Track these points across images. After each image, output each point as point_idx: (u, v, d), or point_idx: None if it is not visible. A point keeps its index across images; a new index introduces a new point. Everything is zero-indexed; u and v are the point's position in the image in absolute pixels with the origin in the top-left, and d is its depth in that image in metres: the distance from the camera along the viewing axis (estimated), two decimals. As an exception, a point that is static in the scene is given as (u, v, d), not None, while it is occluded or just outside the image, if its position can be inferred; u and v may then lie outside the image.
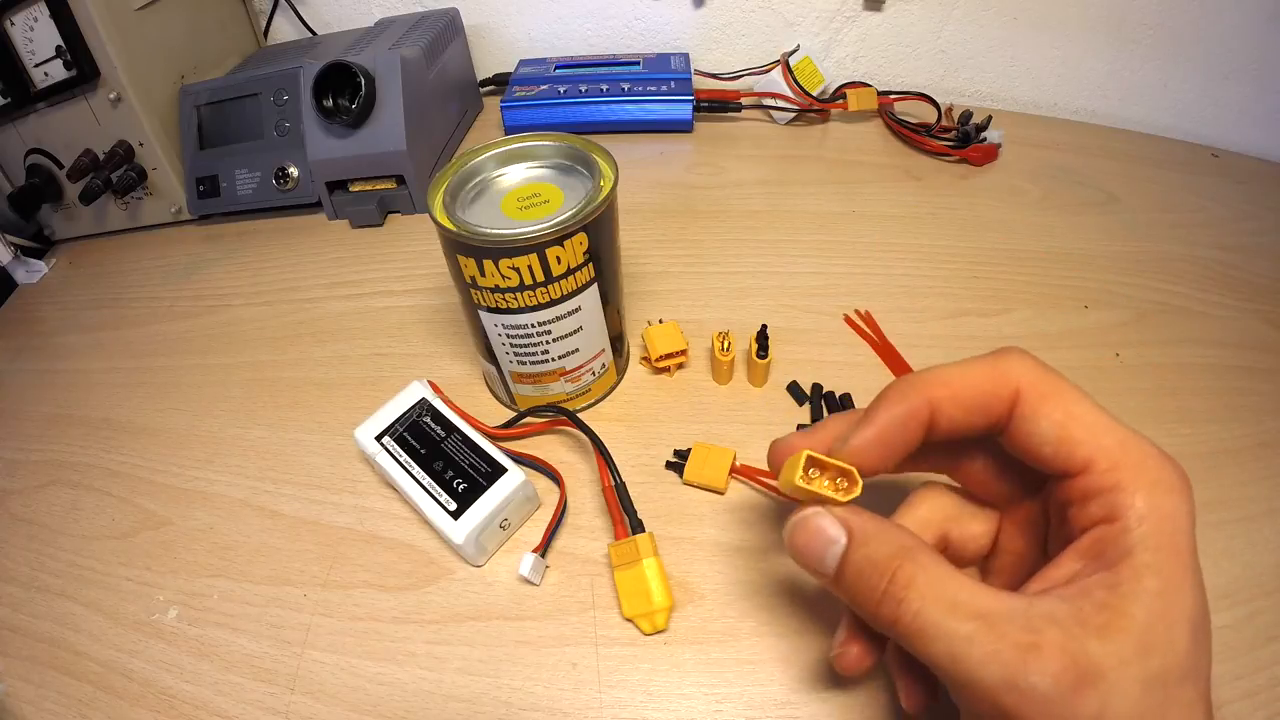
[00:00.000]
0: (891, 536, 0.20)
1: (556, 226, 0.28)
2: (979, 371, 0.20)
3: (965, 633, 0.17)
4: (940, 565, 0.19)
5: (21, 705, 0.28)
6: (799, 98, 0.57)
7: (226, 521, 0.34)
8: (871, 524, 0.20)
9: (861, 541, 0.20)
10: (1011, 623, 0.17)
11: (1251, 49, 0.54)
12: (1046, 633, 0.17)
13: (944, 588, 0.18)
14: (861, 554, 0.19)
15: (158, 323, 0.46)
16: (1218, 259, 0.44)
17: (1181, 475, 0.18)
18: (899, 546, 0.19)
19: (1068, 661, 0.16)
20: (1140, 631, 0.17)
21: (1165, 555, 0.17)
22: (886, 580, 0.19)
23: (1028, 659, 0.16)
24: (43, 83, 0.47)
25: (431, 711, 0.27)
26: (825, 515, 0.20)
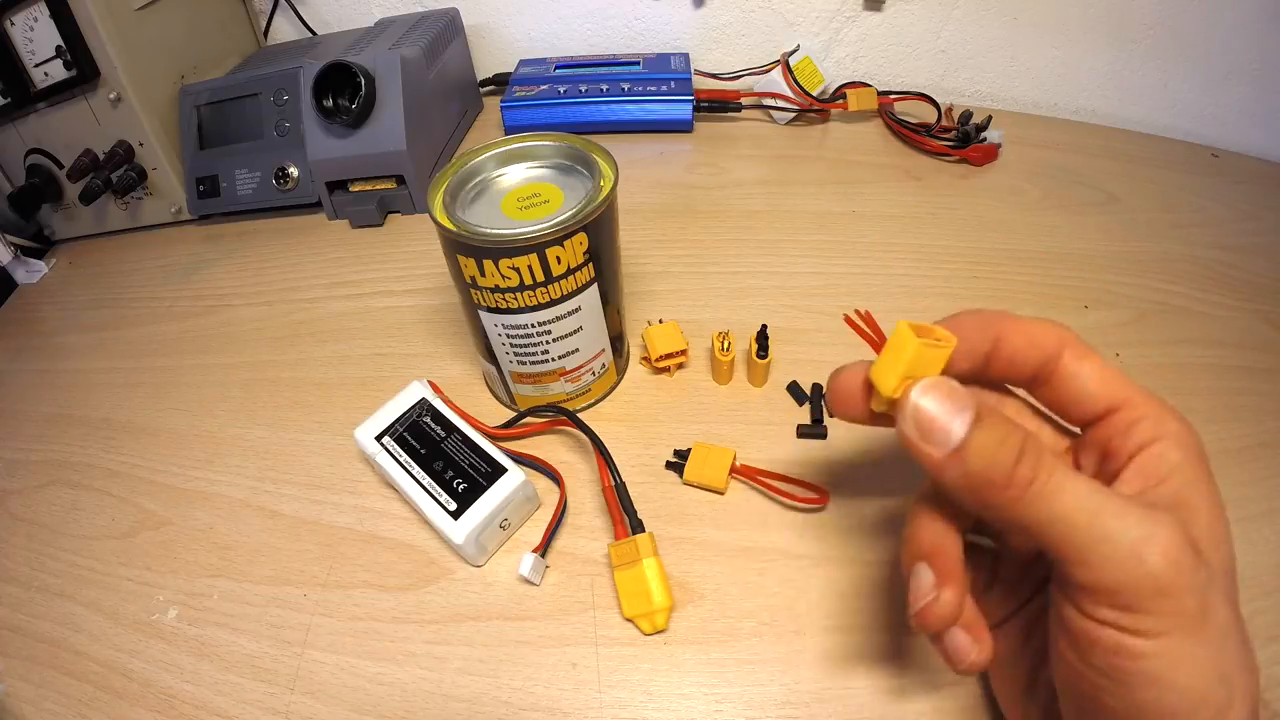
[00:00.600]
0: (1009, 418, 0.20)
1: (556, 226, 0.28)
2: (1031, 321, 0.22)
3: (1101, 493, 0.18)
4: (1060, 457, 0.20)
5: (21, 705, 0.28)
6: (799, 98, 0.57)
7: (226, 521, 0.34)
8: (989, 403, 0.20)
9: (988, 414, 0.19)
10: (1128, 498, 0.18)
11: (1251, 49, 0.54)
12: (1159, 508, 0.18)
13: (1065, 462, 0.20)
14: (991, 424, 0.19)
15: (158, 323, 0.46)
16: (1218, 259, 0.44)
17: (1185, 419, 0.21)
18: (1019, 425, 0.19)
19: (1186, 532, 0.18)
20: (1210, 527, 0.19)
21: (1204, 470, 0.20)
22: (1017, 447, 0.19)
23: (1157, 520, 0.18)
24: (43, 83, 0.47)
25: (431, 711, 0.27)
26: (953, 384, 0.20)
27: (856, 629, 0.28)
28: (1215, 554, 0.19)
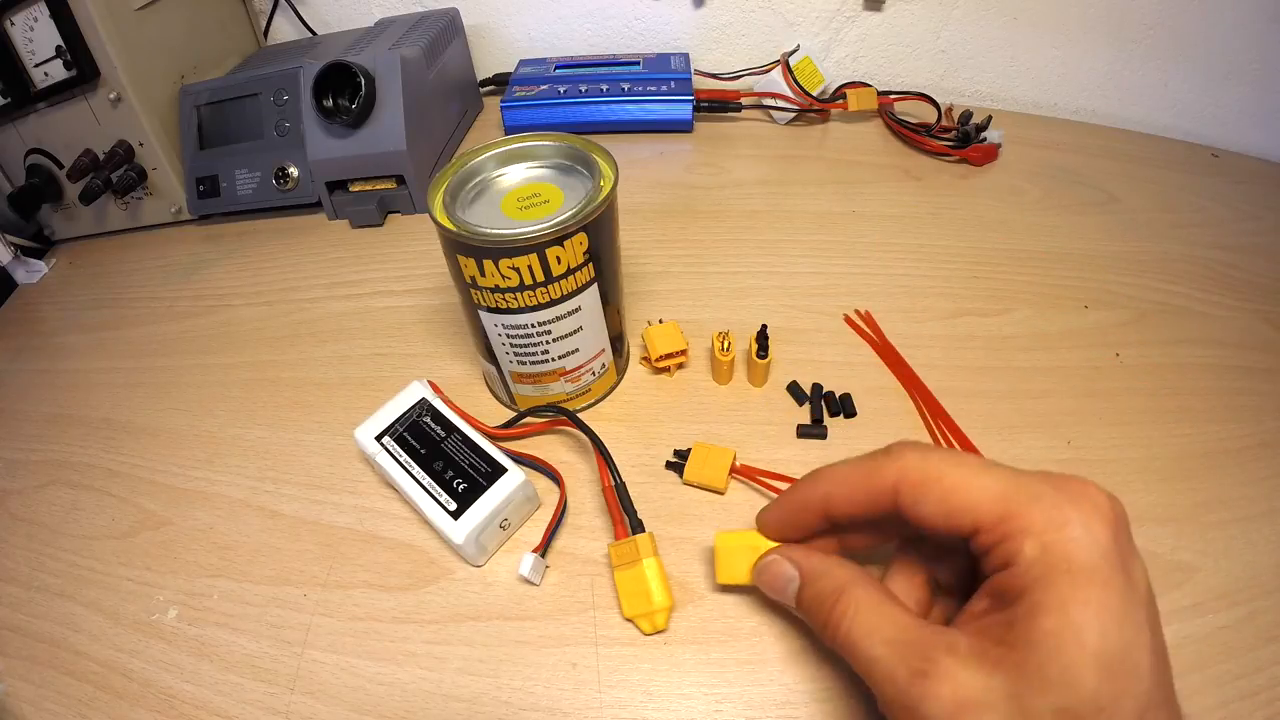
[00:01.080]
0: (834, 573, 0.23)
1: (556, 226, 0.28)
2: (861, 470, 0.23)
3: (875, 654, 0.21)
4: (872, 597, 0.22)
5: (21, 705, 0.28)
6: (799, 98, 0.57)
7: (226, 521, 0.34)
8: (820, 563, 0.24)
9: (810, 579, 0.24)
10: (912, 649, 0.20)
11: (1251, 49, 0.54)
12: (941, 662, 0.19)
13: (868, 617, 0.21)
14: (811, 589, 0.24)
15: (158, 323, 0.46)
16: (1218, 259, 0.44)
17: (1091, 503, 0.19)
18: (838, 583, 0.23)
19: (953, 689, 0.18)
20: (1032, 670, 0.18)
21: (1065, 594, 0.18)
22: (828, 609, 0.22)
23: (916, 682, 0.19)
24: (43, 83, 0.47)
25: (431, 711, 0.27)
26: (781, 560, 0.25)
27: (856, 629, 0.28)
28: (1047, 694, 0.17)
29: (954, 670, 0.19)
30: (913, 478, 0.21)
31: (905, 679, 0.19)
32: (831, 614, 0.22)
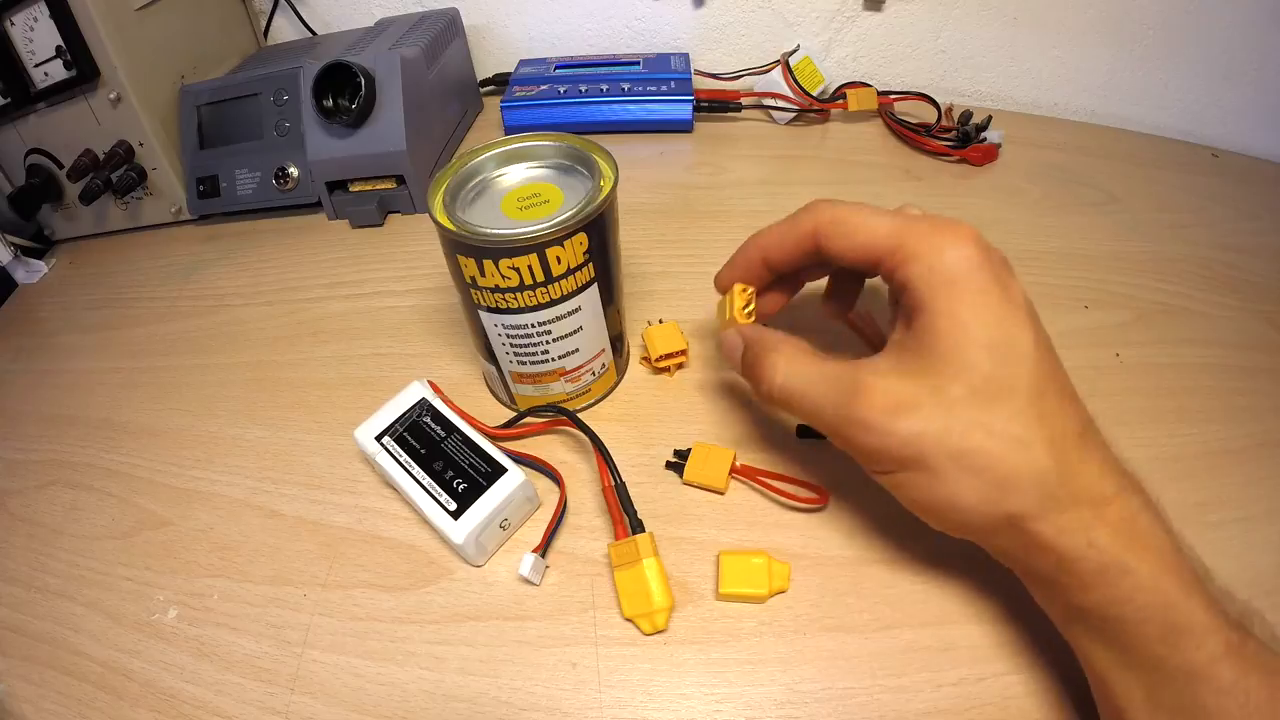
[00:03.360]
0: (767, 337, 0.28)
1: (556, 226, 0.28)
2: (786, 224, 0.28)
3: (808, 391, 0.25)
4: (799, 349, 0.27)
5: (21, 705, 0.28)
6: (799, 98, 0.57)
7: (226, 521, 0.34)
8: (756, 330, 0.29)
9: (749, 344, 0.28)
10: (842, 380, 0.24)
11: (1251, 49, 0.54)
12: (867, 380, 0.23)
13: (799, 365, 0.26)
14: (750, 351, 0.28)
15: (158, 323, 0.46)
16: (1218, 259, 0.44)
17: (962, 233, 0.24)
18: (771, 342, 0.27)
19: (883, 396, 0.23)
20: (941, 365, 0.22)
21: (951, 300, 0.22)
22: (762, 364, 0.27)
23: (850, 402, 0.23)
24: (43, 83, 0.47)
25: (431, 711, 0.27)
26: (731, 332, 0.30)
27: (857, 629, 0.28)
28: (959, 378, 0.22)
29: (880, 383, 0.23)
30: (825, 222, 0.26)
31: (840, 402, 0.24)
32: (764, 366, 0.27)
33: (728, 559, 0.29)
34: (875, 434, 0.23)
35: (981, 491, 0.22)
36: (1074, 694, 0.25)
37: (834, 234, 0.26)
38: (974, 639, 0.27)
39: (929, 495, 0.23)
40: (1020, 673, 0.26)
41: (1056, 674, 0.26)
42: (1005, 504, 0.21)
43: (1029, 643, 0.27)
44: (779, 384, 0.26)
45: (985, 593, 0.28)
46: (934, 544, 0.30)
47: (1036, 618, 0.27)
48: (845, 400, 0.23)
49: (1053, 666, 0.26)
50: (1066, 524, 0.21)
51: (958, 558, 0.29)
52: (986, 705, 0.25)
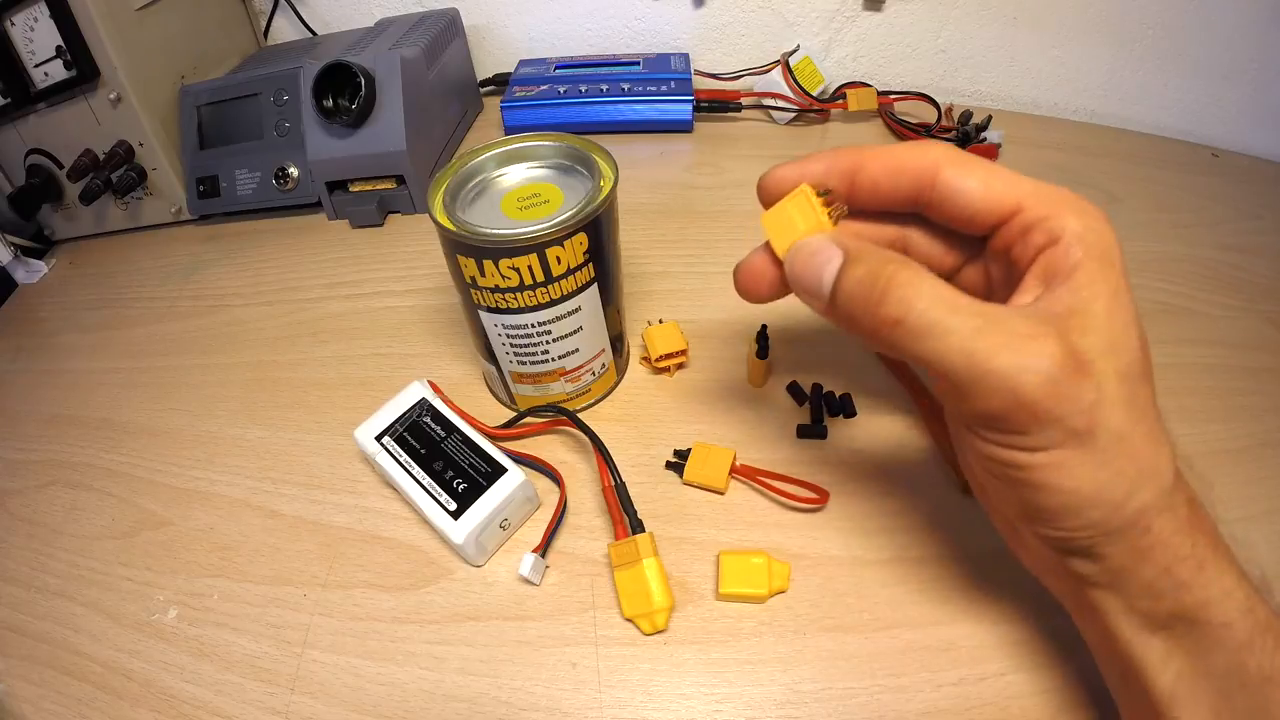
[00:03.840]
0: (882, 251, 0.20)
1: (556, 226, 0.28)
2: (902, 146, 0.22)
3: (974, 326, 0.18)
4: (934, 276, 0.19)
5: (21, 705, 0.28)
6: (799, 98, 0.57)
7: (226, 521, 0.34)
8: (861, 244, 0.21)
9: (856, 257, 0.20)
10: (1012, 319, 0.19)
11: (1251, 49, 0.54)
12: (1041, 327, 0.18)
13: (942, 290, 0.19)
14: (858, 268, 0.20)
15: (158, 323, 0.46)
16: (1218, 259, 0.44)
17: (1098, 208, 0.20)
18: (891, 257, 0.20)
19: (1068, 349, 0.18)
20: (1105, 331, 0.19)
21: (1107, 266, 0.20)
22: (884, 284, 0.19)
23: (1034, 345, 0.18)
24: (43, 83, 0.47)
25: (431, 711, 0.27)
26: (821, 238, 0.21)
27: (857, 629, 0.28)
28: (1114, 357, 0.19)
29: (1059, 334, 0.18)
30: (958, 158, 0.21)
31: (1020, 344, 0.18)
32: (891, 286, 0.19)
33: (728, 559, 0.29)
34: (1058, 393, 0.18)
35: (1129, 481, 0.19)
36: (1074, 693, 0.25)
37: (968, 173, 0.21)
38: (974, 639, 0.27)
39: (1081, 482, 0.19)
40: (1020, 672, 0.26)
41: (1057, 674, 0.26)
42: (1142, 495, 0.19)
43: (1029, 642, 0.27)
44: (921, 310, 0.19)
45: (985, 592, 0.28)
46: (934, 544, 0.30)
47: (1036, 617, 0.27)
48: (1021, 345, 0.18)
49: (1053, 666, 0.26)
50: (1182, 521, 0.19)
51: (958, 558, 0.29)
52: (986, 705, 0.25)
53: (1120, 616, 0.20)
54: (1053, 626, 0.27)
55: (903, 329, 0.19)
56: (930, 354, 0.19)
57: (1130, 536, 0.19)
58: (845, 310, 0.20)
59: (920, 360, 0.19)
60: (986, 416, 0.19)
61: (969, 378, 0.18)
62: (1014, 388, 0.18)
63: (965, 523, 0.30)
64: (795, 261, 0.21)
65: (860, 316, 0.20)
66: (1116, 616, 0.20)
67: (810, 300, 0.21)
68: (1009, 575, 0.28)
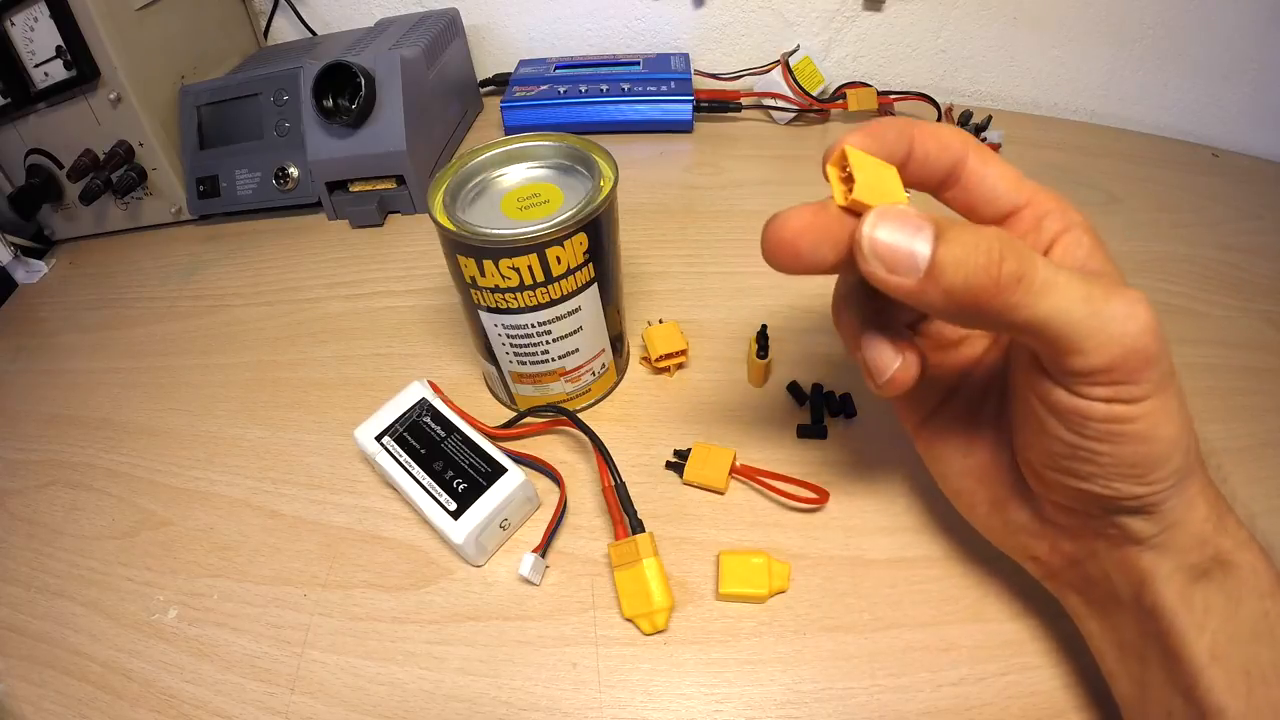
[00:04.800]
0: (967, 223, 0.19)
1: (556, 226, 0.28)
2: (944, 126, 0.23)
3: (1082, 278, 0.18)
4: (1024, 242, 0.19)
5: (21, 705, 0.28)
6: (799, 98, 0.57)
7: (226, 521, 0.34)
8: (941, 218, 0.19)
9: (950, 226, 0.18)
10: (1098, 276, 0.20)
11: (1251, 49, 0.54)
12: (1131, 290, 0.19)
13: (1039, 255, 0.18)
14: (960, 233, 0.18)
15: (158, 323, 0.46)
16: (1218, 259, 0.44)
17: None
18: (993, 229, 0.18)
19: (1147, 304, 0.18)
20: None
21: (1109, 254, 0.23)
22: (999, 249, 0.18)
23: (1127, 293, 0.18)
24: (43, 83, 0.47)
25: (431, 711, 0.27)
26: (910, 211, 0.19)
27: (857, 629, 0.28)
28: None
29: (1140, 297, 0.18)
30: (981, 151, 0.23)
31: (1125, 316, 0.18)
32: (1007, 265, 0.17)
33: (728, 559, 0.29)
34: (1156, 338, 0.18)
35: (1191, 423, 0.20)
36: (1075, 693, 0.25)
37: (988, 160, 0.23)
38: (974, 639, 0.27)
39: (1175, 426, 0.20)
40: (1021, 672, 0.26)
41: (1057, 673, 0.26)
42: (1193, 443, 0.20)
43: (1029, 642, 0.27)
44: (1040, 264, 0.18)
45: (985, 592, 0.28)
46: (934, 544, 0.30)
47: (1036, 617, 0.27)
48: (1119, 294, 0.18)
49: (1053, 666, 0.26)
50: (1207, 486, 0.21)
51: (958, 558, 0.29)
52: (986, 705, 0.25)
53: (1166, 579, 0.21)
54: (1053, 627, 0.27)
55: (1024, 286, 0.17)
56: (1051, 310, 0.18)
57: (1187, 485, 0.20)
58: (954, 280, 0.18)
59: (1032, 323, 0.18)
60: (1103, 368, 0.18)
61: (1087, 329, 0.18)
62: (1128, 333, 0.18)
63: (966, 523, 0.30)
64: (878, 236, 0.18)
65: (974, 282, 0.18)
66: (1162, 580, 0.21)
67: (894, 280, 0.18)
68: (1009, 575, 0.29)
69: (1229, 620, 0.20)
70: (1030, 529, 0.24)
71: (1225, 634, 0.20)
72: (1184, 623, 0.20)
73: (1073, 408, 0.19)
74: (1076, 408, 0.19)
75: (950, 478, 0.27)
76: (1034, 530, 0.24)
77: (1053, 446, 0.21)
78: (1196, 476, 0.21)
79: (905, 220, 0.18)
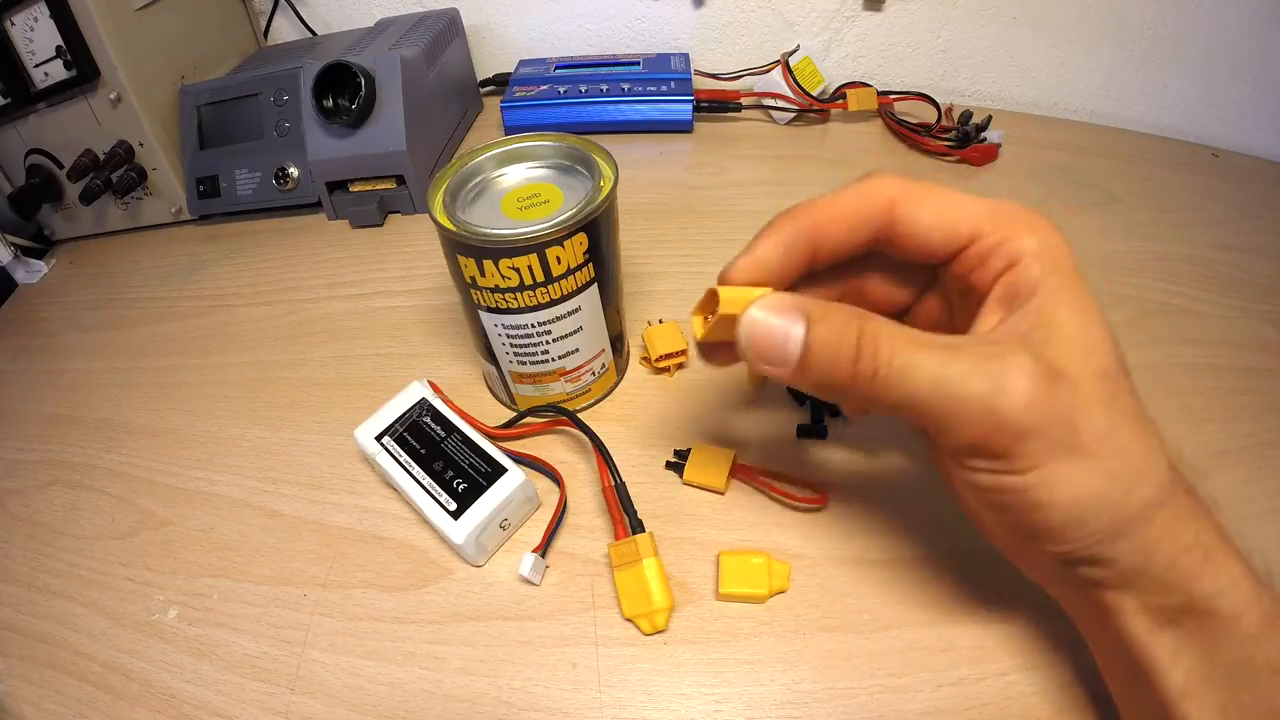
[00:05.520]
0: (842, 307, 0.20)
1: (556, 226, 0.28)
2: (851, 192, 0.22)
3: (941, 358, 0.18)
4: (889, 321, 0.20)
5: (21, 705, 0.28)
6: (799, 98, 0.57)
7: (226, 521, 0.34)
8: (816, 303, 0.20)
9: (819, 318, 0.19)
10: (978, 345, 0.19)
11: (1251, 49, 0.54)
12: (1009, 346, 0.19)
13: (906, 334, 0.19)
14: (823, 328, 0.19)
15: (158, 323, 0.46)
16: (1218, 259, 0.44)
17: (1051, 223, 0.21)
18: (853, 313, 0.20)
19: (1039, 363, 0.18)
20: (1077, 338, 0.19)
21: (1068, 277, 0.20)
22: (855, 340, 0.19)
23: (1002, 364, 0.18)
24: (43, 83, 0.47)
25: (431, 711, 0.27)
26: (779, 300, 0.20)
27: (857, 629, 0.28)
28: (1087, 361, 0.19)
29: (1028, 360, 0.18)
30: (909, 191, 0.21)
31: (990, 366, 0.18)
32: (864, 339, 0.19)
33: (728, 559, 0.29)
34: (1037, 408, 0.18)
35: (1126, 479, 0.19)
36: (1075, 693, 0.25)
37: (922, 205, 0.21)
38: (974, 639, 0.27)
39: (1077, 491, 0.19)
40: (1021, 672, 0.26)
41: (1057, 674, 0.26)
42: (1141, 490, 0.19)
43: (1029, 642, 0.27)
44: (890, 360, 0.19)
45: (985, 592, 0.28)
46: (935, 544, 0.30)
47: (1036, 618, 0.27)
48: (991, 366, 0.18)
49: (1053, 666, 0.26)
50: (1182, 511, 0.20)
51: (958, 558, 0.29)
52: (986, 705, 0.25)
53: (1133, 616, 0.20)
54: (1053, 626, 0.27)
55: (879, 379, 0.19)
56: (906, 397, 0.19)
57: (1136, 535, 0.19)
58: (819, 374, 0.19)
59: (897, 407, 0.19)
60: (971, 446, 0.19)
61: (945, 410, 0.18)
62: (990, 409, 0.18)
63: (965, 523, 0.30)
64: (754, 332, 0.20)
65: (836, 377, 0.19)
66: (1129, 616, 0.20)
67: (769, 370, 0.20)
68: (1009, 575, 0.28)
69: (1204, 660, 0.19)
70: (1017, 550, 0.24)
71: (1200, 674, 0.19)
72: (1154, 657, 0.20)
73: (964, 480, 0.20)
74: (966, 480, 0.20)
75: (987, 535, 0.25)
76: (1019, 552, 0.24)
77: (978, 513, 0.21)
78: (1156, 523, 0.19)
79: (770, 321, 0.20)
